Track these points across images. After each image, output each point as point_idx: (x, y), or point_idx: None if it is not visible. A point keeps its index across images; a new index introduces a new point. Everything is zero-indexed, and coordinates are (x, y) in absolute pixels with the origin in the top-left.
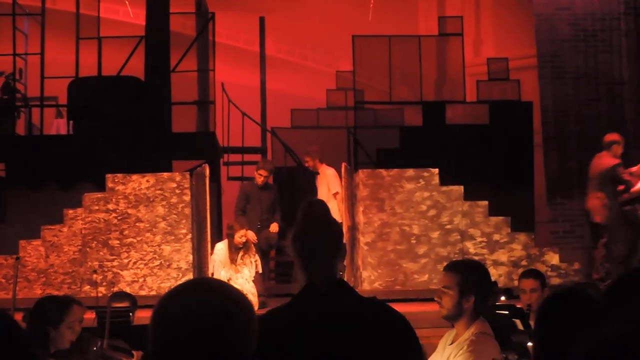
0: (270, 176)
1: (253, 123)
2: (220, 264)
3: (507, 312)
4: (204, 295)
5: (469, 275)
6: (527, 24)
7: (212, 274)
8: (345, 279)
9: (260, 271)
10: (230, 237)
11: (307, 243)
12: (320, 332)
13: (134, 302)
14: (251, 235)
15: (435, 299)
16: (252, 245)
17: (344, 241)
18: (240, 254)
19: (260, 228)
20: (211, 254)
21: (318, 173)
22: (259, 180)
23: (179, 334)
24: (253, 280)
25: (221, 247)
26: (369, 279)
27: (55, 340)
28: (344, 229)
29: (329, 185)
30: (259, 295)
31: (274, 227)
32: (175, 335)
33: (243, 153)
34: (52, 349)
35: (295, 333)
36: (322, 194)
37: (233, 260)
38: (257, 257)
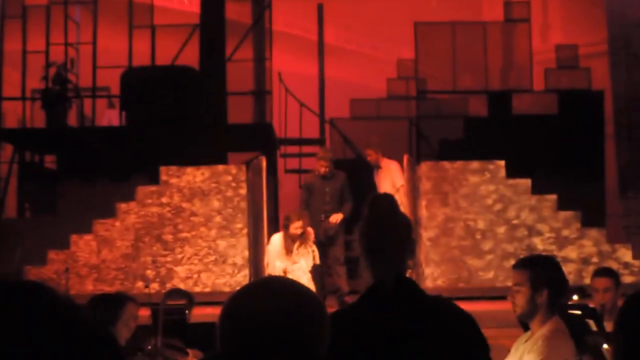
0: (331, 165)
1: (311, 114)
2: (275, 254)
3: (580, 312)
4: (274, 294)
5: (539, 270)
6: (597, 9)
7: (267, 264)
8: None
9: (318, 262)
10: (286, 228)
11: (375, 240)
12: (389, 333)
13: (191, 299)
14: (309, 231)
15: (508, 299)
16: (310, 236)
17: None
18: (297, 244)
19: (325, 220)
20: (267, 245)
21: (379, 167)
22: (321, 170)
23: (250, 334)
24: (310, 272)
25: (277, 237)
26: (431, 276)
27: None
28: None
29: (394, 179)
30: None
31: (334, 218)
32: (246, 334)
33: (301, 145)
34: None
35: (363, 334)
36: (386, 188)
37: (289, 251)
38: (314, 247)
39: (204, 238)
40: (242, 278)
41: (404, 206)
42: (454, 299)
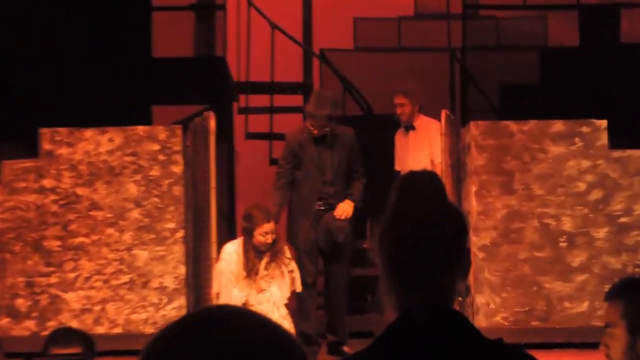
0: (330, 122)
1: (290, 43)
2: (231, 277)
3: None
4: (225, 333)
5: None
6: None
7: (218, 295)
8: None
9: (300, 289)
10: (248, 233)
11: (406, 248)
12: None
13: (91, 346)
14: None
15: (601, 347)
16: (285, 247)
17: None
18: (265, 261)
19: (323, 211)
20: (216, 261)
21: (413, 128)
22: (315, 128)
23: None
24: (286, 305)
25: (232, 250)
26: (486, 308)
27: None
28: None
29: (433, 150)
30: (298, 334)
31: (342, 209)
32: None
33: (272, 93)
34: None
35: None
36: (420, 163)
37: (252, 272)
38: (292, 265)
39: (112, 246)
40: (175, 311)
41: None
42: (523, 345)
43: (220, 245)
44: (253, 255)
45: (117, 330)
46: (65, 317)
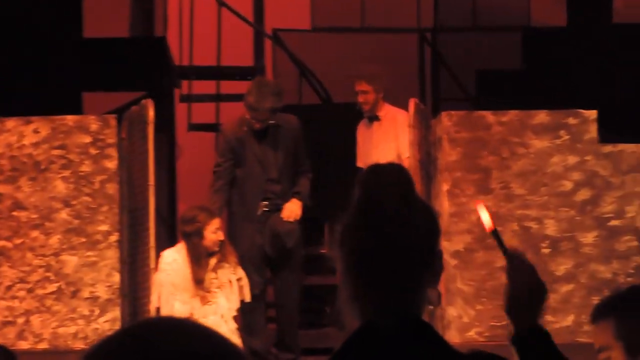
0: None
1: (240, 22)
2: (172, 290)
3: None
4: (165, 348)
5: (636, 319)
6: None
7: (158, 310)
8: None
9: (249, 299)
10: (190, 237)
11: (368, 249)
12: None
13: None
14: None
15: None
16: (233, 251)
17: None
18: (211, 267)
19: (269, 213)
20: (155, 270)
21: (377, 118)
22: (257, 122)
23: None
24: (235, 318)
25: (172, 258)
26: (458, 321)
27: None
28: None
29: (400, 142)
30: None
31: (292, 210)
32: None
33: (219, 79)
34: None
35: None
36: (385, 156)
37: (197, 281)
38: (240, 272)
39: (37, 251)
40: (108, 324)
41: None
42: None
43: (159, 251)
44: (197, 262)
45: (43, 345)
46: None
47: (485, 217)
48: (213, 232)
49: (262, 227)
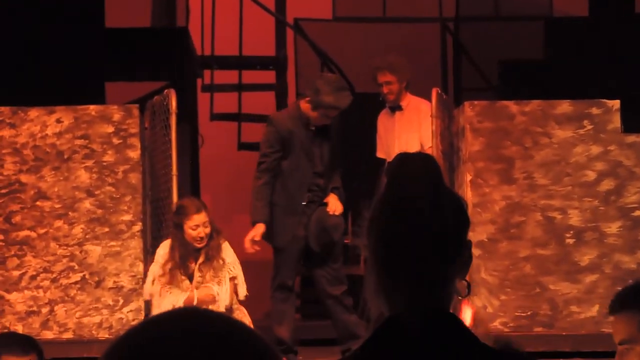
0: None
1: (261, 12)
2: (161, 281)
3: None
4: (192, 337)
5: None
6: None
7: (149, 302)
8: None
9: (243, 296)
10: (178, 229)
11: (396, 240)
12: None
13: (38, 351)
14: (253, 233)
15: None
16: (223, 246)
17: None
18: (199, 262)
19: (311, 204)
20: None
21: (400, 108)
22: (328, 118)
23: None
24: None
25: (166, 250)
26: (482, 312)
27: None
28: None
29: (423, 133)
30: None
31: (336, 205)
32: None
33: (241, 69)
34: None
35: None
36: (407, 149)
37: (182, 274)
38: (235, 270)
39: (61, 241)
40: (132, 314)
41: None
42: (528, 355)
43: None
44: (182, 256)
45: (68, 335)
46: (9, 320)
47: (467, 317)
48: (191, 229)
49: (305, 219)
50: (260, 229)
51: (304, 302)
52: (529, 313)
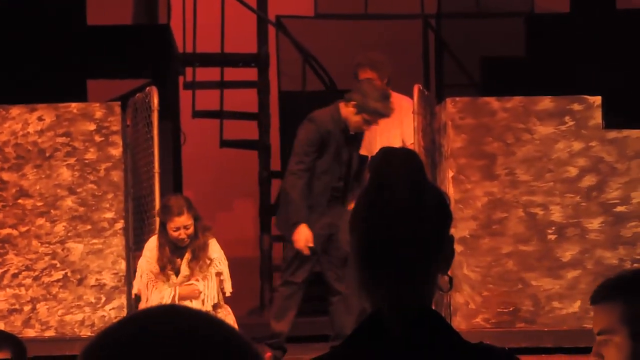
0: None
1: (243, 9)
2: (151, 275)
3: None
4: (173, 334)
5: None
6: None
7: (136, 296)
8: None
9: (228, 293)
10: (162, 226)
11: (379, 234)
12: None
13: (20, 349)
14: (304, 235)
15: (593, 358)
16: (210, 242)
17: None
18: (186, 258)
19: (333, 204)
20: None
21: None
22: (370, 124)
23: None
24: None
25: (154, 245)
26: (465, 308)
27: None
28: None
29: (404, 130)
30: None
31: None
32: None
33: (223, 66)
34: None
35: None
36: (388, 143)
37: (165, 270)
38: (221, 266)
39: (42, 238)
40: (115, 312)
41: None
42: (509, 351)
43: None
44: (168, 252)
45: (50, 333)
46: None
47: None
48: (173, 230)
49: (327, 219)
50: (306, 231)
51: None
52: (511, 309)
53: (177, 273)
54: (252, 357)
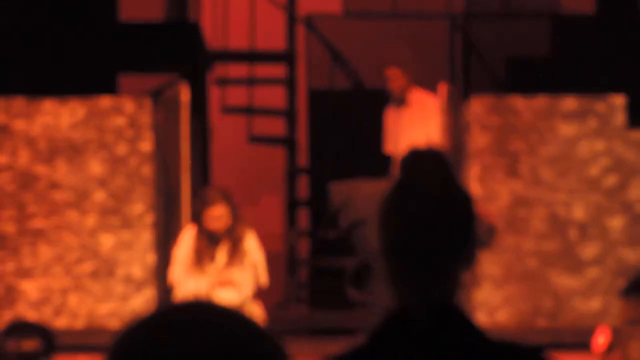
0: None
1: (272, 6)
2: (184, 265)
3: None
4: (202, 331)
5: None
6: None
7: (171, 285)
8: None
9: (263, 284)
10: (197, 216)
11: (405, 234)
12: None
13: (49, 339)
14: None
15: (607, 349)
16: (247, 233)
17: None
18: (222, 248)
19: None
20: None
21: (404, 102)
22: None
23: None
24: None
25: (190, 234)
26: (487, 305)
27: None
28: None
29: (429, 127)
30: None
31: None
32: None
33: (252, 61)
34: None
35: None
36: (413, 141)
37: (201, 260)
38: (257, 255)
39: (74, 230)
40: (144, 303)
41: None
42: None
43: None
44: (204, 242)
45: (79, 323)
46: (22, 308)
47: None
48: (208, 220)
49: None
50: None
51: (313, 291)
52: (533, 306)
53: (213, 262)
54: (277, 354)
